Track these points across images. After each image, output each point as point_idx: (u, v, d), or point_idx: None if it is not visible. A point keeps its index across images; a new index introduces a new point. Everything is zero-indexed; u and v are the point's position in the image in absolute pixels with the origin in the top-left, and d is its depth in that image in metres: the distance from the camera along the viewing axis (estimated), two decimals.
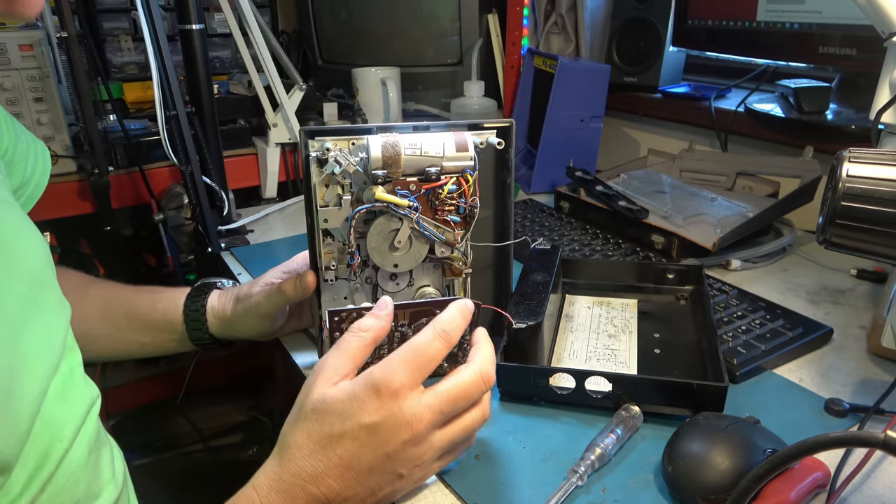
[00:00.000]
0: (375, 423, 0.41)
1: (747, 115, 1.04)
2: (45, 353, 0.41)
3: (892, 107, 0.61)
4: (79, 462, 0.43)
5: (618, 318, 0.71)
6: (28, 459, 0.39)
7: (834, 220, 0.45)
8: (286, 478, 0.42)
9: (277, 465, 0.43)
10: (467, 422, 0.45)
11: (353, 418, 0.42)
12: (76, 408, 0.44)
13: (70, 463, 0.42)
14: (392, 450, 0.42)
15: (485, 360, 0.46)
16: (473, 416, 0.46)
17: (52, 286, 0.45)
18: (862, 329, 0.70)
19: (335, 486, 0.41)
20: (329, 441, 0.42)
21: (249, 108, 1.12)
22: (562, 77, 1.08)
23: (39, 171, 0.60)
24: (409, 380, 0.42)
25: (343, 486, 0.42)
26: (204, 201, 0.90)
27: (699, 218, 0.88)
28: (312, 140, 0.54)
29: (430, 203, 0.56)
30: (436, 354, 0.44)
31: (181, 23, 0.88)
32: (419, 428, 0.42)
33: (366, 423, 0.41)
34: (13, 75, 0.92)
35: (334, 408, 0.42)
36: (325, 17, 1.38)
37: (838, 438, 0.34)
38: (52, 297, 0.45)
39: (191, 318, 0.67)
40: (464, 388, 0.44)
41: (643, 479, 0.49)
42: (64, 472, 0.41)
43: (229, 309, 0.66)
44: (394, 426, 0.42)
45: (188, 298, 0.68)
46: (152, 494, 0.79)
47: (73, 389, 0.45)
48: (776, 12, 0.95)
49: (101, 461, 0.46)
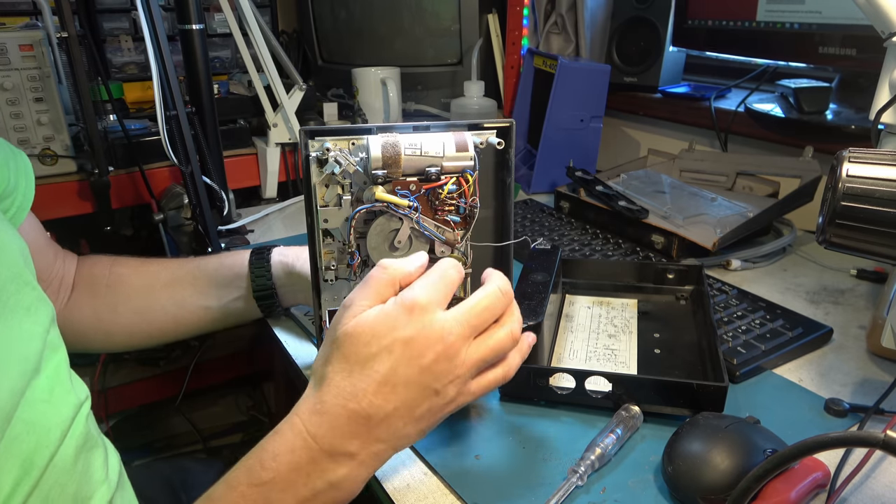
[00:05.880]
0: (410, 337, 0.42)
1: (747, 115, 1.04)
2: (17, 353, 0.41)
3: (892, 107, 0.61)
4: (66, 465, 0.43)
5: (618, 318, 0.71)
6: (12, 465, 0.38)
7: (834, 220, 0.45)
8: (327, 398, 0.43)
9: (316, 391, 0.44)
10: (495, 337, 0.46)
11: (387, 335, 0.43)
12: (62, 409, 0.44)
13: (57, 466, 0.42)
14: (427, 362, 0.43)
15: (501, 279, 0.47)
16: (501, 334, 0.46)
17: (29, 285, 0.45)
18: (862, 329, 0.70)
19: (375, 400, 0.42)
20: (366, 359, 0.43)
21: (249, 108, 1.12)
22: (562, 77, 1.08)
23: (24, 182, 0.59)
24: (436, 297, 0.44)
25: (383, 400, 0.42)
26: (204, 201, 0.90)
27: (699, 218, 0.88)
28: (312, 140, 0.54)
29: (430, 203, 0.56)
30: (457, 278, 0.46)
31: (181, 23, 0.88)
32: (450, 340, 0.43)
33: (400, 336, 0.42)
34: (13, 75, 0.92)
35: (367, 328, 0.43)
36: (325, 17, 1.38)
37: (838, 438, 0.34)
38: (28, 296, 0.45)
39: (256, 265, 0.70)
40: (486, 301, 0.45)
41: (643, 479, 0.49)
42: (51, 476, 0.41)
43: (299, 263, 0.69)
44: (427, 338, 0.43)
45: (255, 250, 0.71)
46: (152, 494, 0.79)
47: (58, 390, 0.45)
48: (776, 12, 0.95)
49: (92, 463, 0.46)
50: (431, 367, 0.43)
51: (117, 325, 0.70)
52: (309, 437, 0.42)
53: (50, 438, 0.42)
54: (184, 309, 0.71)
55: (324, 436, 0.42)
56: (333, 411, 0.42)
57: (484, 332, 0.46)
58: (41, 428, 0.41)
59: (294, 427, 0.43)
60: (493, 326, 0.46)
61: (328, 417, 0.42)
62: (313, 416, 0.43)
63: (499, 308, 0.46)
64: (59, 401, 0.44)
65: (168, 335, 0.74)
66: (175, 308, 0.71)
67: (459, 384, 0.45)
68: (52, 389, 0.44)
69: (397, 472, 0.51)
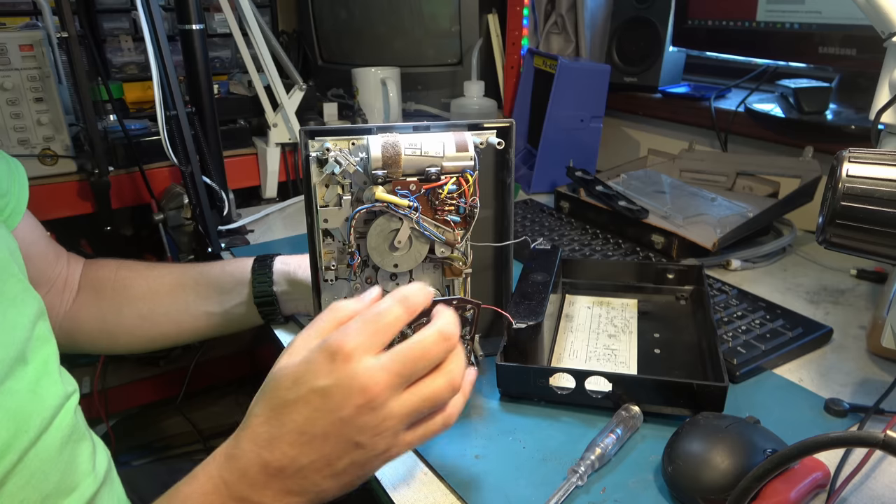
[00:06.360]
0: (328, 386, 0.39)
1: (747, 115, 1.04)
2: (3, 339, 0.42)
3: (892, 107, 0.61)
4: (50, 454, 0.43)
5: (618, 318, 0.71)
6: None
7: (834, 220, 0.45)
8: (243, 444, 0.41)
9: (237, 433, 0.42)
10: (431, 387, 0.42)
11: (306, 382, 0.40)
12: (47, 400, 0.45)
13: (39, 454, 0.42)
14: (347, 415, 0.39)
15: (446, 320, 0.42)
16: (437, 382, 0.42)
17: (14, 277, 0.47)
18: (862, 329, 0.70)
19: (289, 451, 0.40)
20: (284, 406, 0.40)
21: (249, 108, 1.12)
22: (562, 77, 1.08)
23: (17, 188, 0.60)
24: (364, 343, 0.40)
25: (297, 451, 0.40)
26: (204, 201, 0.90)
27: (699, 218, 0.88)
28: (312, 140, 0.54)
29: (430, 203, 0.56)
30: (395, 321, 0.41)
31: (181, 23, 0.88)
32: (375, 391, 0.39)
33: (318, 386, 0.40)
34: (13, 75, 0.92)
35: (290, 374, 0.41)
36: (325, 17, 1.38)
37: (838, 438, 0.34)
38: (13, 287, 0.46)
39: (258, 272, 0.70)
40: (420, 347, 0.41)
41: (643, 479, 0.49)
42: (30, 464, 0.42)
43: (300, 272, 0.69)
44: (347, 389, 0.39)
45: (259, 257, 0.72)
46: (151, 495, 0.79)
47: (45, 381, 0.45)
48: (776, 12, 0.95)
49: (79, 455, 0.46)
50: (352, 420, 0.40)
51: (121, 327, 0.71)
52: (221, 483, 0.41)
53: (30, 426, 0.42)
54: (187, 313, 0.71)
55: (235, 483, 0.41)
56: (246, 457, 0.41)
57: (418, 381, 0.41)
58: (22, 416, 0.41)
59: (207, 471, 0.42)
60: (431, 374, 0.42)
61: (241, 464, 0.41)
62: (228, 460, 0.41)
63: (437, 354, 0.41)
64: (44, 392, 0.45)
65: (171, 339, 0.74)
66: (178, 312, 0.71)
67: (389, 437, 0.41)
68: (39, 380, 0.44)
69: (397, 472, 0.51)
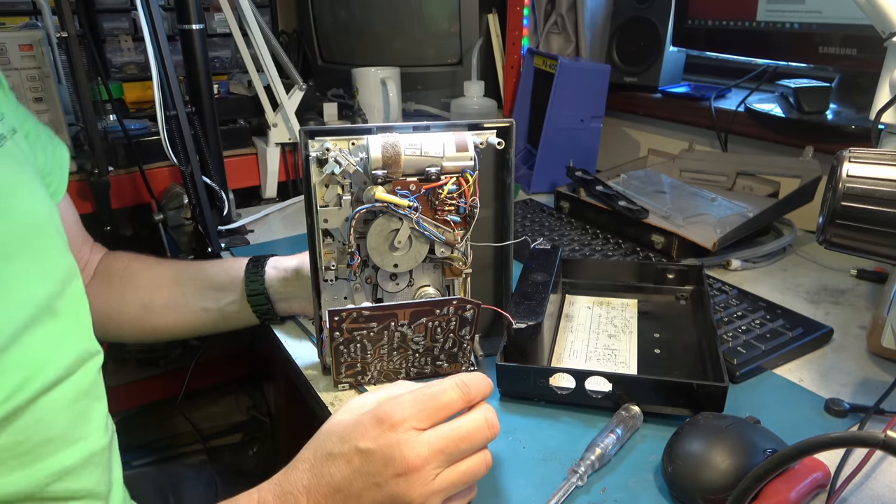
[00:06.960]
0: (370, 450, 0.42)
1: (747, 115, 1.04)
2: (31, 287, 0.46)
3: (892, 107, 0.61)
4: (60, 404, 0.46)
5: (618, 318, 0.71)
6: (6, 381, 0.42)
7: (834, 220, 0.45)
8: (285, 485, 0.43)
9: (283, 473, 0.45)
10: (471, 467, 0.44)
11: (351, 441, 0.43)
12: (66, 353, 0.48)
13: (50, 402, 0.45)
14: (383, 480, 0.41)
15: (489, 409, 0.45)
16: (476, 462, 0.44)
17: (51, 239, 0.51)
18: (862, 329, 0.70)
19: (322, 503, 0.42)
20: (326, 458, 0.43)
21: (249, 108, 1.12)
22: (562, 77, 1.08)
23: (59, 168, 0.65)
24: (413, 417, 0.42)
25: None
26: (204, 201, 0.90)
27: (699, 218, 0.88)
28: (312, 140, 0.54)
29: (430, 203, 0.56)
30: (449, 403, 0.44)
31: (181, 23, 0.88)
32: (415, 463, 0.41)
33: (361, 447, 0.42)
34: (13, 75, 0.91)
35: (340, 429, 0.44)
36: (325, 17, 1.38)
37: (838, 438, 0.34)
38: (51, 247, 0.50)
39: (251, 270, 0.70)
40: (466, 431, 0.43)
41: (643, 479, 0.49)
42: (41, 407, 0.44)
43: (291, 272, 0.70)
44: (388, 456, 0.41)
45: (254, 257, 0.73)
46: (151, 494, 0.79)
47: (73, 337, 0.49)
48: (776, 12, 0.95)
49: (94, 410, 0.50)
50: (388, 484, 0.41)
51: (125, 315, 0.72)
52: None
53: (44, 372, 0.45)
54: (185, 308, 0.72)
55: None
56: (285, 498, 0.43)
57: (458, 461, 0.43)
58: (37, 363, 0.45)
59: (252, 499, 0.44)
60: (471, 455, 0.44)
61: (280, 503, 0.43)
62: (269, 495, 0.44)
63: (480, 440, 0.44)
64: (69, 345, 0.49)
65: (170, 331, 0.75)
66: (177, 305, 0.73)
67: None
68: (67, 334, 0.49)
69: None
